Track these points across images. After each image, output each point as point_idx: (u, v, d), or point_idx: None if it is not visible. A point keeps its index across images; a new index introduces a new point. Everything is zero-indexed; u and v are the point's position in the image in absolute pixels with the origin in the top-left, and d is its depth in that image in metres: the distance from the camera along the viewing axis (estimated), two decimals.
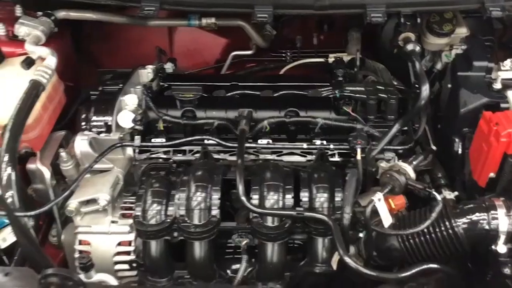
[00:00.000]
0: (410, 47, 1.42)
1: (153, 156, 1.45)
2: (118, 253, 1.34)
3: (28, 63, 1.45)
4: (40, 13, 1.59)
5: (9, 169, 1.24)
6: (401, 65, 1.70)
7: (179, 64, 1.88)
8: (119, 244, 1.34)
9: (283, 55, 2.06)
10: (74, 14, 1.65)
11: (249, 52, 1.95)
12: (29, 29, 1.53)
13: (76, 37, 1.90)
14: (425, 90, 1.34)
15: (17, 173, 1.23)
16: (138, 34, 2.01)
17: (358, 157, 1.28)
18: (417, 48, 1.43)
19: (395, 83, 1.68)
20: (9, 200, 1.22)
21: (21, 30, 1.53)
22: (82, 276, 1.12)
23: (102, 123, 1.46)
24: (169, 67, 1.76)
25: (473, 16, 1.69)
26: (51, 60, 1.44)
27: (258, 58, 2.02)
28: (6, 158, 1.24)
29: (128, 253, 1.34)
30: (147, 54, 1.85)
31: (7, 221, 1.51)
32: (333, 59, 1.77)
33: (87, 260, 1.14)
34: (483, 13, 1.35)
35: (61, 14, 1.62)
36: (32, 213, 1.26)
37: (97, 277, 1.17)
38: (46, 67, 1.41)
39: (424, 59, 1.67)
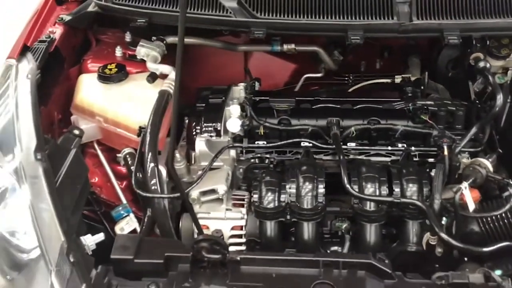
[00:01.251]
0: (481, 64, 1.69)
1: (257, 156, 1.70)
2: (232, 236, 1.58)
3: (153, 77, 1.74)
4: (154, 37, 1.89)
5: (152, 164, 1.52)
6: (455, 86, 1.98)
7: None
8: (233, 228, 1.58)
9: (346, 78, 2.34)
10: None
11: (319, 75, 2.22)
12: (148, 51, 1.82)
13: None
14: (499, 98, 1.59)
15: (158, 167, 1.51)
16: (219, 60, 2.29)
17: (445, 152, 1.52)
18: (488, 65, 1.69)
19: None
20: (153, 187, 1.49)
21: (142, 51, 1.82)
22: None
23: (212, 129, 1.73)
24: (256, 85, 2.04)
25: None
26: (174, 75, 1.72)
27: (325, 81, 2.29)
28: (150, 155, 1.51)
29: (240, 236, 1.57)
30: (227, 77, 2.13)
31: (124, 213, 1.78)
32: (400, 79, 2.04)
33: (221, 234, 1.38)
34: None
35: (170, 39, 1.91)
36: (171, 196, 1.52)
37: None
38: (171, 80, 1.69)
39: (477, 81, 1.94)
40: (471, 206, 1.42)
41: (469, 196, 1.42)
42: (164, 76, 1.77)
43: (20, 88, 1.56)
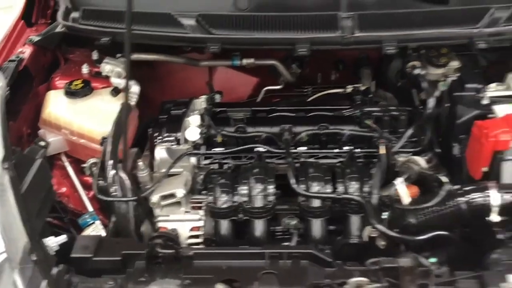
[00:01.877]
0: (416, 71, 1.83)
1: (215, 162, 1.81)
2: (191, 237, 1.68)
3: (116, 91, 1.86)
4: (119, 55, 2.01)
5: (113, 171, 1.62)
6: (403, 95, 2.12)
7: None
8: (191, 229, 1.68)
9: (305, 90, 2.48)
10: (143, 56, 2.06)
11: (279, 87, 2.36)
12: (112, 67, 1.94)
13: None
14: (431, 101, 1.73)
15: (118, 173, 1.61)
16: (185, 75, 2.42)
17: (381, 151, 1.65)
18: (423, 72, 1.83)
19: None
20: (114, 193, 1.60)
21: (106, 68, 1.94)
22: None
23: (173, 138, 1.85)
24: (217, 97, 2.16)
25: (465, 55, 2.14)
26: (136, 88, 1.85)
27: (286, 93, 2.43)
28: (110, 162, 1.62)
29: (197, 236, 1.68)
30: (192, 91, 2.25)
31: (91, 221, 1.87)
32: (351, 89, 2.18)
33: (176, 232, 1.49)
34: (471, 46, 1.76)
35: (134, 56, 2.03)
36: (126, 199, 1.62)
37: None
38: (133, 93, 1.81)
39: (425, 89, 2.08)
40: (406, 200, 1.55)
41: (403, 190, 1.54)
42: None
43: None
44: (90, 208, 1.88)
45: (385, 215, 1.61)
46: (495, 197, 1.50)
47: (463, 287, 1.31)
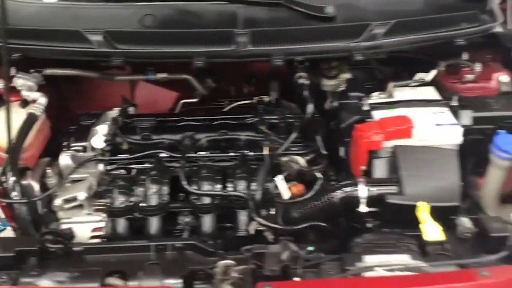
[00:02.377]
0: (301, 81, 2.02)
1: (120, 168, 1.94)
2: (92, 237, 1.78)
3: (24, 103, 1.97)
4: (32, 70, 2.12)
5: (13, 179, 1.72)
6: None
7: (140, 112, 2.41)
8: (93, 230, 1.79)
9: (222, 102, 2.64)
10: (57, 71, 2.18)
11: (194, 100, 2.51)
12: (24, 81, 2.05)
13: (59, 91, 2.43)
14: (310, 107, 1.92)
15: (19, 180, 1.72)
16: (107, 90, 2.55)
17: (265, 152, 1.82)
18: (306, 82, 2.02)
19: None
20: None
21: (18, 82, 2.05)
22: None
23: (80, 147, 1.96)
24: (131, 109, 2.29)
25: (362, 69, 2.36)
26: (43, 100, 1.96)
27: (202, 106, 2.58)
28: (11, 168, 1.72)
29: (99, 237, 1.79)
30: (115, 105, 2.38)
31: (1, 227, 1.96)
32: (256, 100, 2.35)
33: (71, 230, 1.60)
34: (350, 58, 1.97)
35: (48, 71, 2.15)
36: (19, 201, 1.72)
37: None
38: (39, 104, 1.93)
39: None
40: (285, 195, 1.71)
41: (283, 185, 1.71)
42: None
43: None
44: (1, 215, 1.96)
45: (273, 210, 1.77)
46: (362, 190, 1.68)
47: (326, 268, 1.47)
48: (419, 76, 2.16)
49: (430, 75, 2.14)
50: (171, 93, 2.66)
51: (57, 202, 1.78)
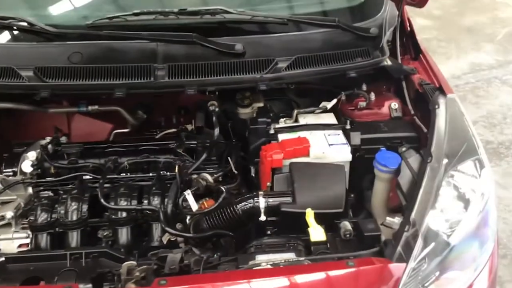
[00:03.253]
0: (211, 108, 2.29)
1: (47, 189, 2.12)
2: (19, 252, 1.94)
3: None
4: None
5: None
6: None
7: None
8: (19, 246, 1.95)
9: (153, 132, 2.86)
10: None
11: (126, 130, 2.73)
12: None
13: None
14: (216, 131, 2.18)
15: None
16: (45, 122, 2.73)
17: (176, 170, 2.05)
18: (216, 109, 2.28)
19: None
20: None
21: None
22: None
23: (10, 172, 2.14)
24: (63, 139, 2.49)
25: (278, 99, 2.65)
26: None
27: (134, 137, 2.80)
28: None
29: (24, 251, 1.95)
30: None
31: None
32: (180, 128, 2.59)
33: None
34: (256, 88, 2.24)
35: None
36: None
37: None
38: None
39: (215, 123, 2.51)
40: (194, 208, 1.93)
41: (191, 199, 1.93)
42: None
43: None
44: None
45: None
46: (262, 202, 1.92)
47: (224, 267, 1.68)
48: (322, 104, 2.46)
49: (331, 103, 2.44)
50: (105, 124, 2.86)
51: None
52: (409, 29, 2.63)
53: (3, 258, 1.69)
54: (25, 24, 2.28)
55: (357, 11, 2.58)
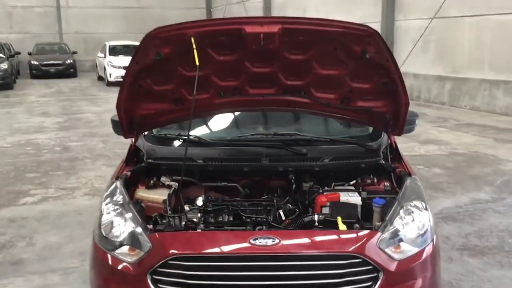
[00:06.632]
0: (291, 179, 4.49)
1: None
2: None
3: None
4: None
5: None
6: None
7: None
8: None
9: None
10: None
11: (237, 199, 4.90)
12: None
13: None
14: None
15: None
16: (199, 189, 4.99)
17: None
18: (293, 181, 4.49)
19: None
20: None
21: None
22: None
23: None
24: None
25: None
26: None
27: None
28: None
29: None
30: None
31: None
32: None
33: None
34: (311, 170, 4.47)
35: None
36: None
37: None
38: None
39: None
40: None
41: None
42: None
43: None
44: None
45: None
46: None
47: None
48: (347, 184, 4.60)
49: (352, 182, 4.57)
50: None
51: None
52: (395, 146, 4.84)
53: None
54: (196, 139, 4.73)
55: (367, 137, 4.88)
